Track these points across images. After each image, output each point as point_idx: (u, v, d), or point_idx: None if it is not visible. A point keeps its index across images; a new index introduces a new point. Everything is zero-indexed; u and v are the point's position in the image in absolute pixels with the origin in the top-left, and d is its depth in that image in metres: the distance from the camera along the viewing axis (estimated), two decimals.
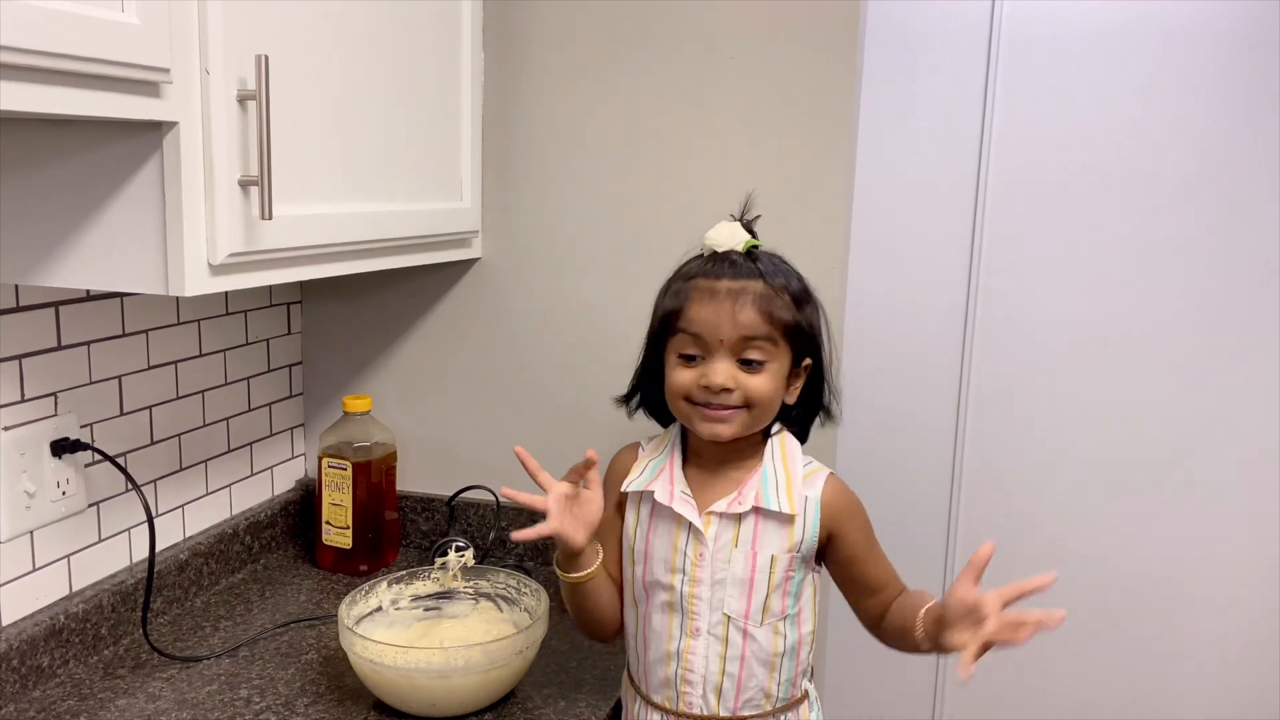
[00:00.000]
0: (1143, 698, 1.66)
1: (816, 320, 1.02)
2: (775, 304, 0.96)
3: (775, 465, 1.02)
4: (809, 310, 1.01)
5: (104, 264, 0.92)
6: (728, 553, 0.99)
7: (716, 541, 0.99)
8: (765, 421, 1.01)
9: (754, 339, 0.96)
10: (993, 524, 1.67)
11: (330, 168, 1.08)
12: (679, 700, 1.02)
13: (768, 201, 1.36)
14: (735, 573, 0.99)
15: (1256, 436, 1.56)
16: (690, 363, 0.98)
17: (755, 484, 1.00)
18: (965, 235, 1.62)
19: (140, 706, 1.08)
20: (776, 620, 1.01)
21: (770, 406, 0.99)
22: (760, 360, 0.96)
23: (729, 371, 0.96)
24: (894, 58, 1.59)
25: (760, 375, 0.97)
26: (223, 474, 1.43)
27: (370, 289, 1.53)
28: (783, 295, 0.97)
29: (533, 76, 1.41)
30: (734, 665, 1.01)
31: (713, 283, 0.97)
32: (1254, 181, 1.50)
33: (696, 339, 0.97)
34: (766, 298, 0.96)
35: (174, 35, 0.83)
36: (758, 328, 0.96)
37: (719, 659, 1.01)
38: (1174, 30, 1.49)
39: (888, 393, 1.68)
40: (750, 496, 0.99)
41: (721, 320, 0.95)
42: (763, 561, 0.99)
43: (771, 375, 0.97)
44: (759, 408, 0.98)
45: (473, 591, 1.24)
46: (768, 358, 0.97)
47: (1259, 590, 1.59)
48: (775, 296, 0.97)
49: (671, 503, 1.01)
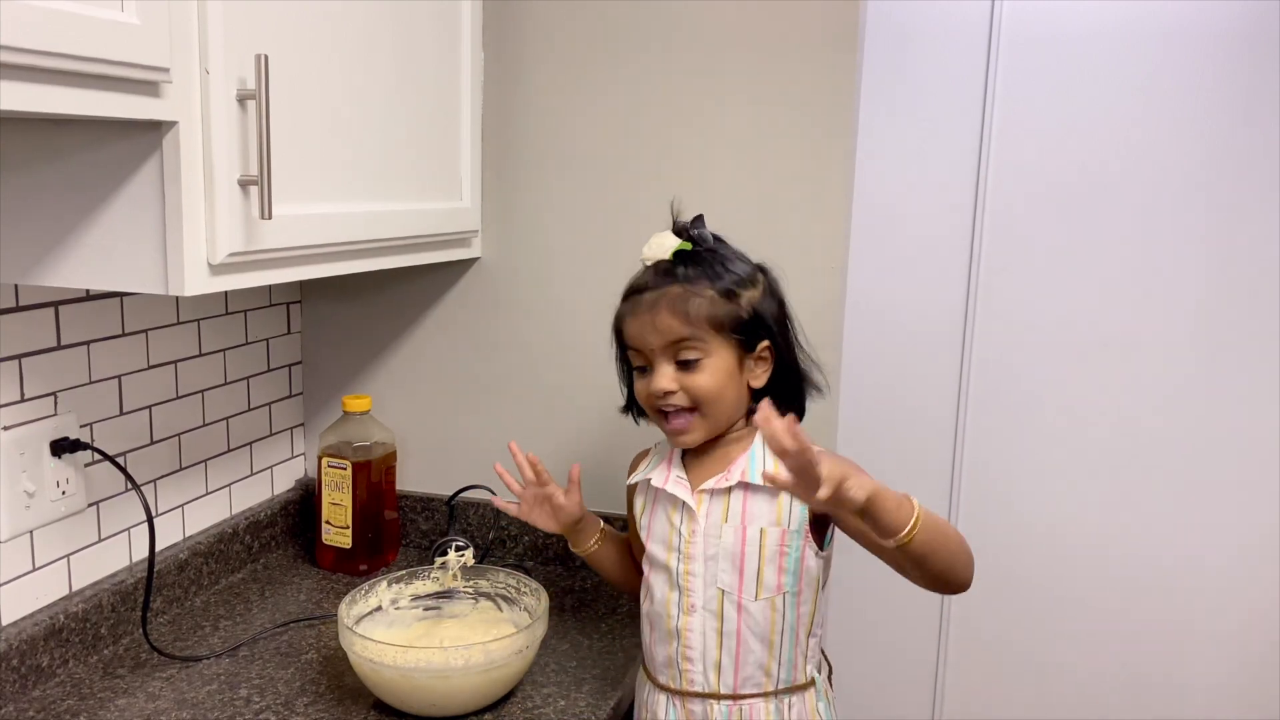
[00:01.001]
0: (1143, 696, 1.66)
1: (762, 302, 1.04)
2: (692, 303, 1.01)
3: (765, 448, 1.02)
4: (747, 296, 1.03)
5: (104, 264, 0.92)
6: (718, 528, 1.03)
7: (708, 518, 1.03)
8: (725, 415, 1.04)
9: (680, 341, 1.01)
10: (993, 523, 1.67)
11: (330, 167, 1.08)
12: (681, 679, 1.05)
13: (768, 201, 1.36)
14: (726, 547, 1.02)
15: (1256, 436, 1.56)
16: (643, 374, 1.06)
17: (744, 461, 1.03)
18: (965, 235, 1.62)
19: (140, 706, 1.08)
20: (773, 595, 1.02)
21: (720, 400, 1.02)
22: (694, 358, 1.01)
23: (669, 375, 1.02)
24: (894, 58, 1.59)
25: (699, 373, 1.01)
26: (222, 474, 1.43)
27: (370, 289, 1.53)
28: (701, 291, 1.01)
29: (532, 76, 1.41)
30: (730, 640, 1.03)
31: (638, 296, 1.04)
32: (1254, 181, 1.50)
33: (638, 352, 1.05)
34: (680, 299, 1.01)
35: (174, 35, 0.83)
36: (678, 330, 1.01)
37: (715, 634, 1.03)
38: (1174, 30, 1.49)
39: (888, 392, 1.68)
40: (737, 472, 1.03)
41: (646, 331, 1.02)
42: (752, 534, 1.02)
43: (711, 370, 1.01)
44: (707, 404, 1.02)
45: (472, 591, 1.24)
46: (701, 354, 1.01)
47: (1259, 589, 1.59)
48: (691, 296, 1.01)
49: (666, 485, 1.06)
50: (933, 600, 1.71)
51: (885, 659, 1.76)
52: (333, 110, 1.08)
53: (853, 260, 1.58)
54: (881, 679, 1.76)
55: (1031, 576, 1.67)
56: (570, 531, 1.19)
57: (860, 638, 1.75)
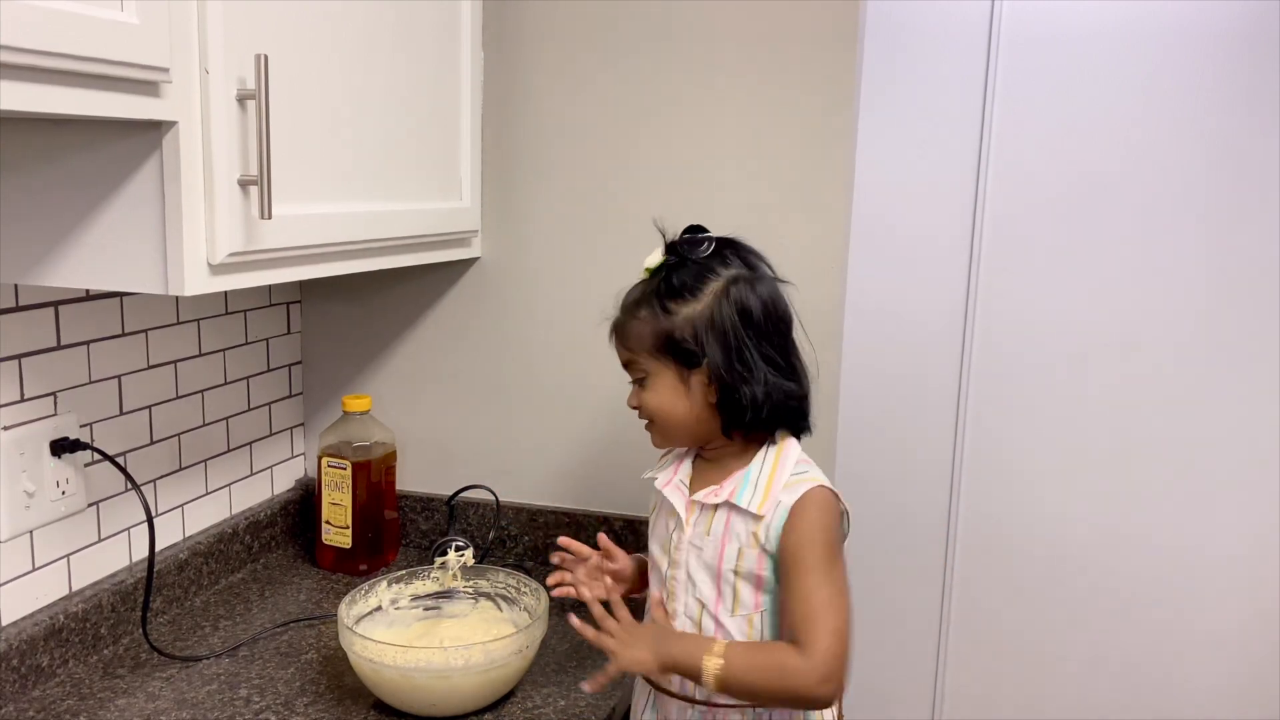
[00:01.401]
0: (1143, 696, 1.66)
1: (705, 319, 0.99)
2: (629, 326, 1.04)
3: (762, 466, 1.03)
4: (683, 314, 1.00)
5: (104, 264, 0.91)
6: (702, 540, 1.03)
7: (694, 528, 1.04)
8: (682, 431, 1.05)
9: (628, 363, 1.06)
10: (992, 523, 1.67)
11: (330, 167, 1.08)
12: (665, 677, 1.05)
13: (768, 201, 1.36)
14: (706, 559, 1.03)
15: (1257, 435, 1.56)
16: None
17: (735, 481, 1.03)
18: (965, 235, 1.62)
19: (140, 706, 1.08)
20: (750, 614, 1.01)
21: (668, 417, 1.04)
22: (641, 378, 1.05)
23: (633, 393, 1.07)
24: (894, 58, 1.59)
25: (646, 391, 1.04)
26: (222, 473, 1.43)
27: (370, 288, 1.53)
28: (637, 315, 1.03)
29: (532, 76, 1.41)
30: None
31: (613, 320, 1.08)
32: (1254, 181, 1.50)
33: None
34: (622, 323, 1.06)
35: (173, 35, 0.83)
36: (623, 353, 1.06)
37: None
38: (1174, 30, 1.49)
39: (888, 392, 1.68)
40: (727, 491, 1.02)
41: (616, 352, 1.08)
42: (730, 552, 1.01)
43: (655, 390, 1.03)
44: (659, 421, 1.05)
45: (472, 591, 1.24)
46: (644, 373, 1.04)
47: (1259, 588, 1.59)
48: (630, 320, 1.04)
49: (664, 489, 1.08)
50: (933, 600, 1.72)
51: (885, 659, 1.76)
52: (333, 110, 1.08)
53: (853, 260, 1.58)
54: (881, 679, 1.76)
55: (1031, 576, 1.67)
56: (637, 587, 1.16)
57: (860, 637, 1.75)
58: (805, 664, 0.93)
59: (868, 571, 1.72)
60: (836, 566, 0.99)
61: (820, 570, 0.96)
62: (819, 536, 0.98)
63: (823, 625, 0.94)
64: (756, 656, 0.95)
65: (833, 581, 0.97)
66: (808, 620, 0.94)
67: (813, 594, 0.95)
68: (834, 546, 0.99)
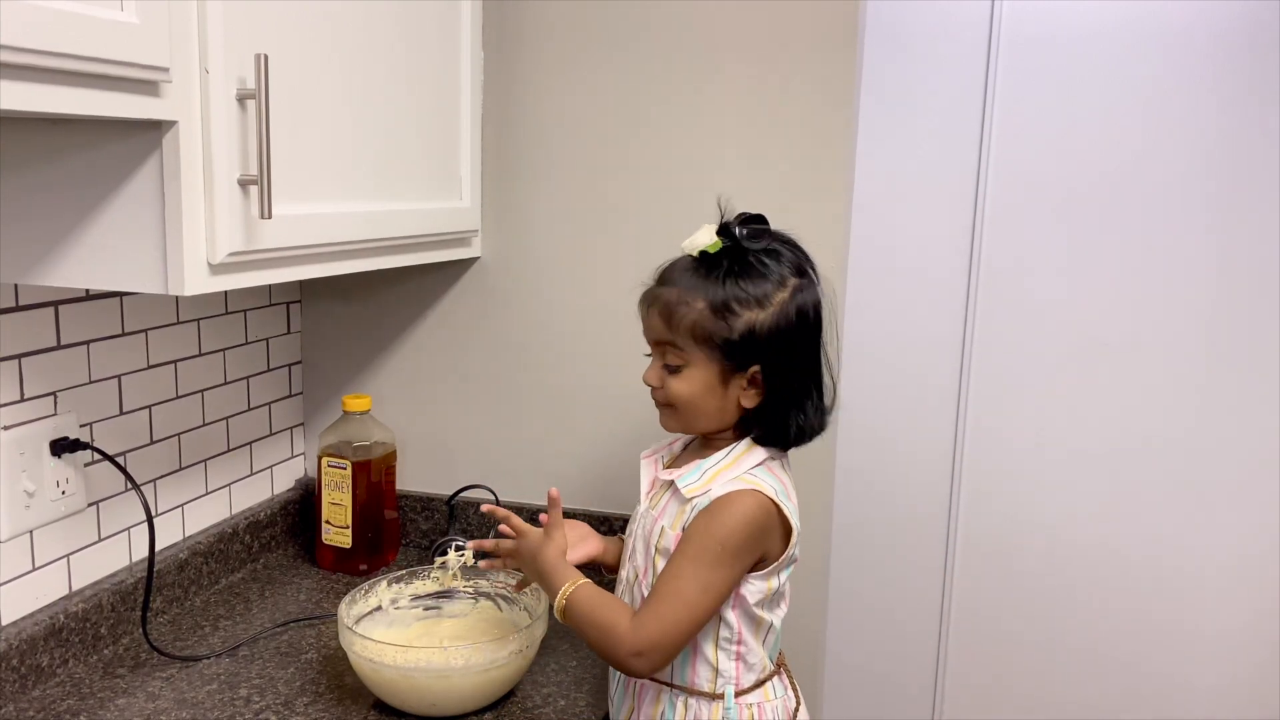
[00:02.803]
0: (1143, 696, 1.66)
1: (766, 324, 0.98)
2: (678, 311, 0.99)
3: (721, 460, 1.03)
4: (747, 316, 0.98)
5: (103, 263, 0.92)
6: (647, 514, 1.06)
7: (647, 501, 1.08)
8: (700, 421, 1.03)
9: (664, 344, 1.02)
10: (992, 523, 1.67)
11: (330, 167, 1.08)
12: None
13: (768, 201, 1.36)
14: (645, 532, 1.05)
15: (1257, 436, 1.55)
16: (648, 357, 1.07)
17: (693, 465, 1.03)
18: (965, 235, 1.62)
19: (140, 706, 1.08)
20: None
21: (694, 409, 1.02)
22: (676, 365, 1.01)
23: (656, 372, 1.04)
24: (893, 58, 1.59)
25: (678, 379, 1.01)
26: (222, 473, 1.43)
27: (370, 288, 1.53)
28: (691, 303, 0.99)
29: (532, 76, 1.41)
30: None
31: (648, 289, 1.05)
32: (1254, 182, 1.50)
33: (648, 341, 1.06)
34: (669, 304, 1.00)
35: (173, 34, 0.83)
36: (661, 333, 1.02)
37: None
38: (1174, 31, 1.49)
39: (888, 392, 1.67)
40: (678, 473, 1.03)
41: (644, 324, 1.05)
42: (656, 530, 1.03)
43: (688, 379, 1.01)
44: (681, 409, 1.03)
45: (472, 591, 1.24)
46: (682, 362, 1.01)
47: (1260, 589, 1.59)
48: (680, 304, 0.99)
49: (644, 458, 1.12)
50: (933, 600, 1.72)
51: (885, 659, 1.76)
52: (333, 110, 1.08)
53: (853, 260, 1.58)
54: (881, 679, 1.76)
55: (1032, 577, 1.67)
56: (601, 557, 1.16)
57: (860, 637, 1.75)
58: (627, 635, 0.97)
59: (868, 571, 1.72)
60: (715, 570, 0.96)
61: (695, 563, 0.97)
62: (715, 534, 0.97)
63: (662, 611, 0.97)
64: (596, 610, 0.99)
65: (698, 579, 0.96)
66: (654, 600, 0.98)
67: (673, 580, 0.97)
68: (725, 550, 0.97)
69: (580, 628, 1.00)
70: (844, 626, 1.74)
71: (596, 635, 0.99)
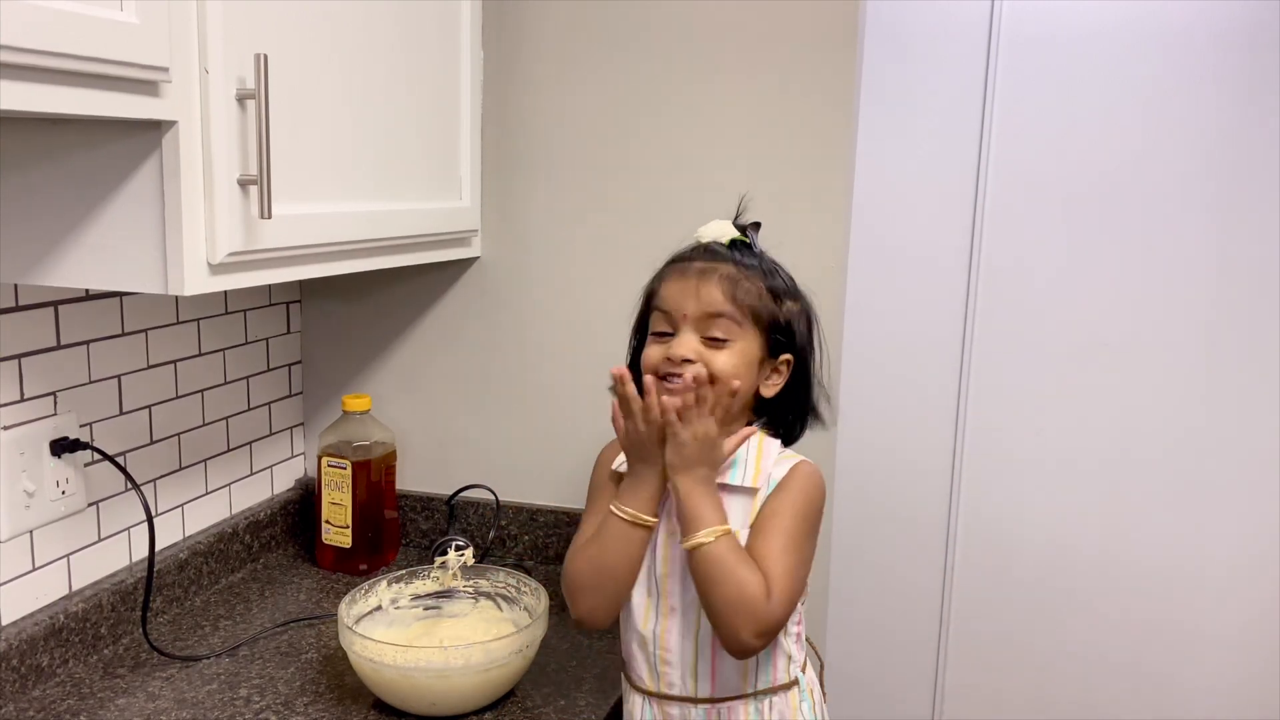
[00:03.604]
0: (1143, 696, 1.66)
1: (799, 320, 1.04)
2: (741, 285, 0.99)
3: (748, 453, 1.02)
4: (788, 306, 1.03)
5: (103, 263, 0.92)
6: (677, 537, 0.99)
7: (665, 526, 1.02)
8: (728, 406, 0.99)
9: (717, 315, 0.98)
10: (992, 523, 1.67)
11: (329, 167, 1.08)
12: (660, 681, 1.03)
13: (768, 201, 1.36)
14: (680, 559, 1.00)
15: (1257, 436, 1.56)
16: (661, 339, 1.01)
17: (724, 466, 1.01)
18: (965, 235, 1.62)
19: (140, 706, 1.08)
20: None
21: None
22: (723, 338, 0.98)
23: (693, 344, 0.98)
24: (893, 58, 1.59)
25: (723, 352, 0.98)
26: (222, 473, 1.43)
27: (369, 288, 1.53)
28: (753, 280, 1.00)
29: (532, 75, 1.41)
30: (706, 646, 1.01)
31: (686, 264, 1.02)
32: (1254, 182, 1.50)
33: (667, 315, 1.01)
34: (732, 278, 0.99)
35: (173, 34, 0.83)
36: (719, 304, 0.98)
37: (693, 639, 1.01)
38: (1174, 31, 1.49)
39: (888, 392, 1.68)
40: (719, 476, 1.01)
41: (686, 296, 0.99)
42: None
43: (735, 354, 0.98)
44: (721, 384, 0.97)
45: (472, 590, 1.24)
46: (731, 336, 0.98)
47: (1259, 588, 1.59)
48: (743, 279, 1.00)
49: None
50: (933, 600, 1.72)
51: (885, 659, 1.76)
52: (332, 110, 1.08)
53: (853, 260, 1.58)
54: (881, 679, 1.76)
55: (1031, 578, 1.67)
56: None
57: (860, 638, 1.75)
58: (763, 607, 0.92)
59: (868, 571, 1.72)
60: (808, 541, 0.99)
61: (793, 536, 0.97)
62: (799, 504, 0.98)
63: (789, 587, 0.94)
64: (740, 564, 0.93)
65: (799, 550, 0.97)
66: (772, 578, 0.93)
67: (783, 554, 0.95)
68: (811, 520, 1.00)
69: (711, 577, 0.93)
70: (844, 627, 1.75)
71: (729, 593, 0.92)
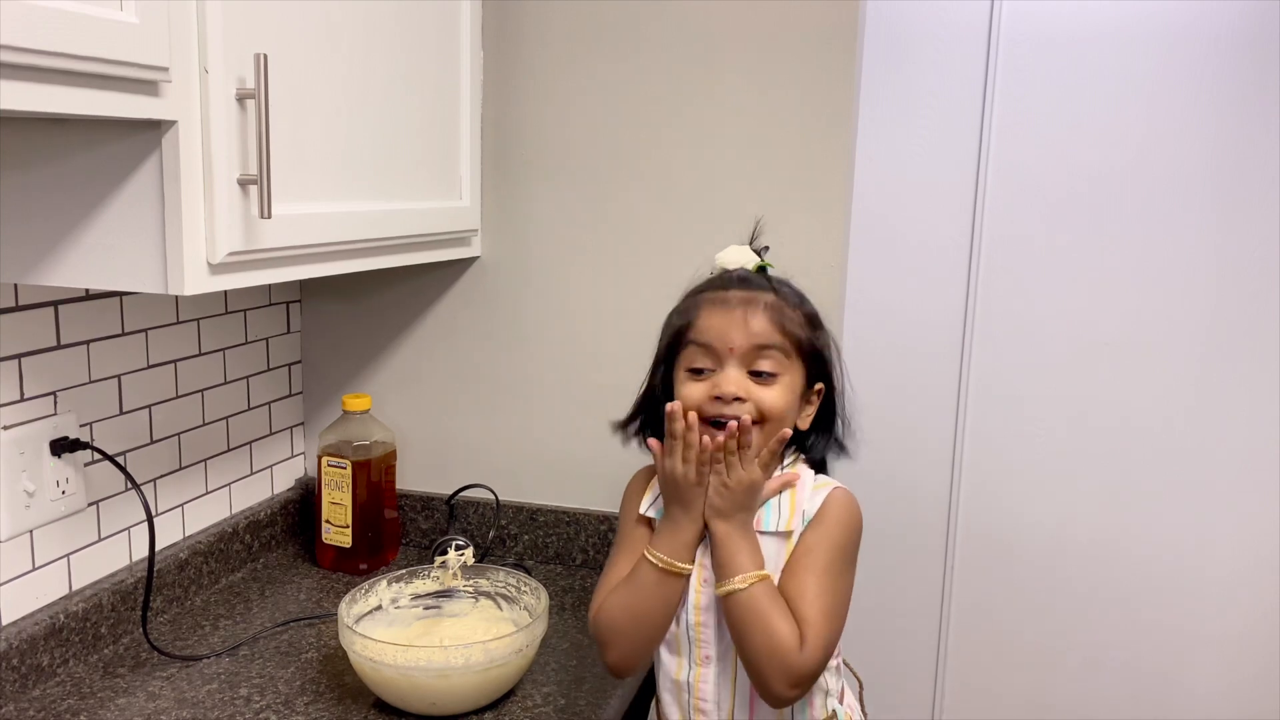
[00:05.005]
0: (1143, 696, 1.66)
1: (828, 346, 1.00)
2: (788, 315, 0.95)
3: (782, 495, 0.98)
4: (821, 334, 1.00)
5: (103, 263, 0.91)
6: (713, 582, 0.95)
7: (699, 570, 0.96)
8: None
9: (766, 348, 0.93)
10: (992, 523, 1.67)
11: (329, 166, 1.08)
12: None
13: (768, 201, 1.36)
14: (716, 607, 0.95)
15: (1257, 436, 1.56)
16: (699, 376, 0.95)
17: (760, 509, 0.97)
18: (965, 235, 1.62)
19: (140, 705, 1.08)
20: None
21: (782, 424, 0.94)
22: (773, 372, 0.93)
23: (740, 380, 0.93)
24: (894, 58, 1.59)
25: (773, 387, 0.93)
26: (222, 473, 1.43)
27: (369, 288, 1.53)
28: (795, 310, 0.97)
29: (532, 75, 1.41)
30: (744, 692, 0.96)
31: (724, 293, 0.96)
32: (1254, 182, 1.50)
33: (706, 349, 0.94)
34: (779, 308, 0.95)
35: (173, 34, 0.83)
36: (770, 336, 0.93)
37: (730, 685, 0.97)
38: (1174, 31, 1.49)
39: (888, 392, 1.68)
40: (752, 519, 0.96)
41: (733, 328, 0.93)
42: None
43: (785, 389, 0.94)
44: (771, 423, 0.93)
45: (472, 590, 1.24)
46: (780, 370, 0.94)
47: (1259, 588, 1.59)
48: (788, 309, 0.96)
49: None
50: (933, 600, 1.72)
51: (885, 659, 1.76)
52: (332, 110, 1.08)
53: (852, 260, 1.58)
54: (882, 679, 1.76)
55: (1031, 577, 1.67)
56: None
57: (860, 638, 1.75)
58: (796, 657, 0.88)
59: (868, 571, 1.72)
60: (845, 575, 0.95)
61: (829, 573, 0.92)
62: (836, 537, 0.94)
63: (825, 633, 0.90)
64: (774, 611, 0.89)
65: (836, 591, 0.93)
66: (809, 622, 0.90)
67: (818, 598, 0.91)
68: (848, 551, 0.95)
69: (744, 625, 0.90)
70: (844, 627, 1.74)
71: (760, 643, 0.89)
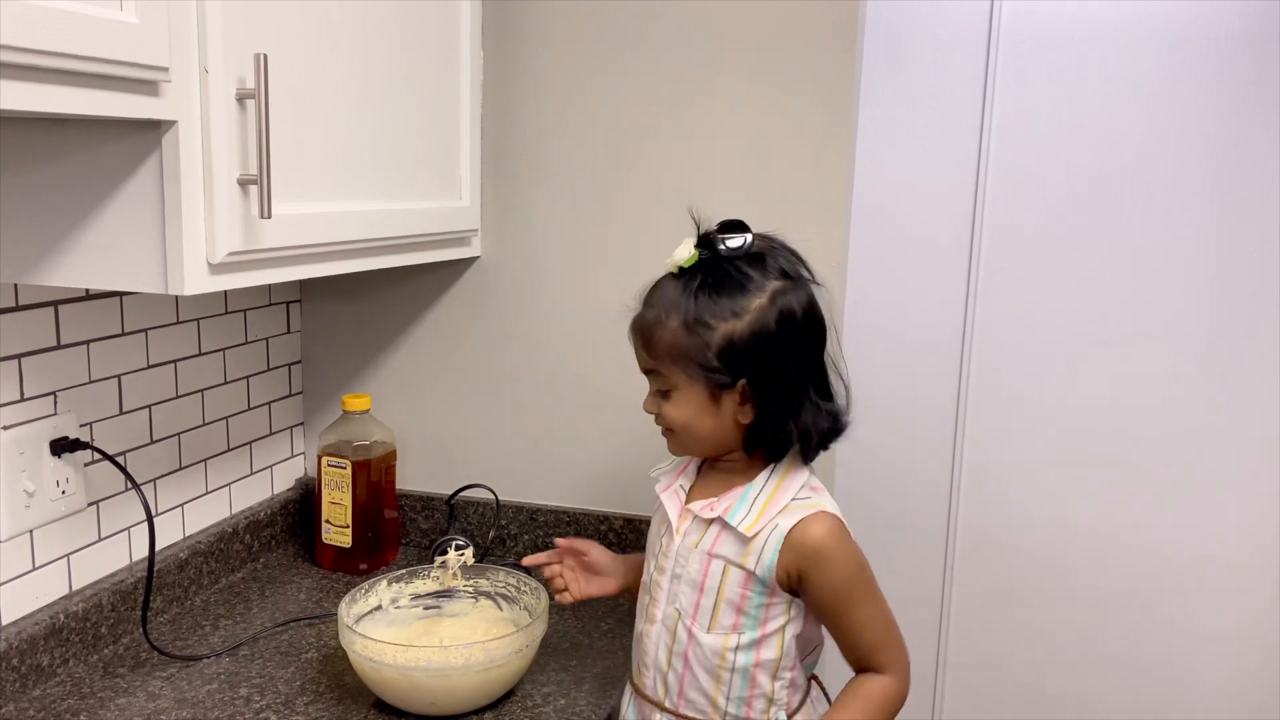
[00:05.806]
0: (1143, 696, 1.66)
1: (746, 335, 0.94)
2: (655, 334, 0.97)
3: (763, 487, 1.00)
4: (724, 329, 0.94)
5: (103, 263, 0.92)
6: (689, 552, 1.01)
7: (685, 538, 1.02)
8: (702, 444, 1.01)
9: (650, 371, 1.01)
10: (992, 523, 1.67)
11: (329, 166, 1.08)
12: (641, 677, 1.07)
13: (768, 201, 1.36)
14: (690, 572, 1.01)
15: (1257, 436, 1.55)
16: None
17: (733, 497, 1.00)
18: (965, 235, 1.62)
19: (140, 705, 1.08)
20: (727, 633, 0.99)
21: (692, 432, 0.99)
22: (665, 389, 0.99)
23: (652, 399, 1.02)
24: (893, 58, 1.59)
25: (669, 403, 0.99)
26: (222, 473, 1.43)
27: (369, 288, 1.53)
28: (665, 324, 0.95)
29: (532, 75, 1.41)
30: (678, 661, 1.02)
31: (636, 313, 1.02)
32: (1254, 182, 1.50)
33: None
34: (647, 329, 0.98)
35: (173, 34, 0.83)
36: (644, 359, 1.01)
37: (667, 650, 1.03)
38: (1174, 31, 1.49)
39: (888, 392, 1.67)
40: (721, 506, 0.99)
41: (634, 351, 1.02)
42: (715, 568, 0.99)
43: (679, 403, 0.98)
44: (680, 433, 1.00)
45: (472, 590, 1.24)
46: (668, 385, 0.99)
47: (1259, 588, 1.59)
48: (656, 327, 0.97)
49: (662, 494, 1.06)
50: (932, 601, 1.72)
51: None
52: (332, 110, 1.08)
53: (852, 260, 1.58)
54: None
55: (1031, 576, 1.67)
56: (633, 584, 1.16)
57: None
58: (898, 683, 1.01)
59: None
60: (876, 592, 1.02)
61: (870, 599, 1.01)
62: (850, 569, 0.99)
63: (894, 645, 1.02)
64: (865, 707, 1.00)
65: (882, 610, 1.02)
66: (880, 649, 1.01)
67: (874, 623, 1.01)
68: (866, 573, 1.01)
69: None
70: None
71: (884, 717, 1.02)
